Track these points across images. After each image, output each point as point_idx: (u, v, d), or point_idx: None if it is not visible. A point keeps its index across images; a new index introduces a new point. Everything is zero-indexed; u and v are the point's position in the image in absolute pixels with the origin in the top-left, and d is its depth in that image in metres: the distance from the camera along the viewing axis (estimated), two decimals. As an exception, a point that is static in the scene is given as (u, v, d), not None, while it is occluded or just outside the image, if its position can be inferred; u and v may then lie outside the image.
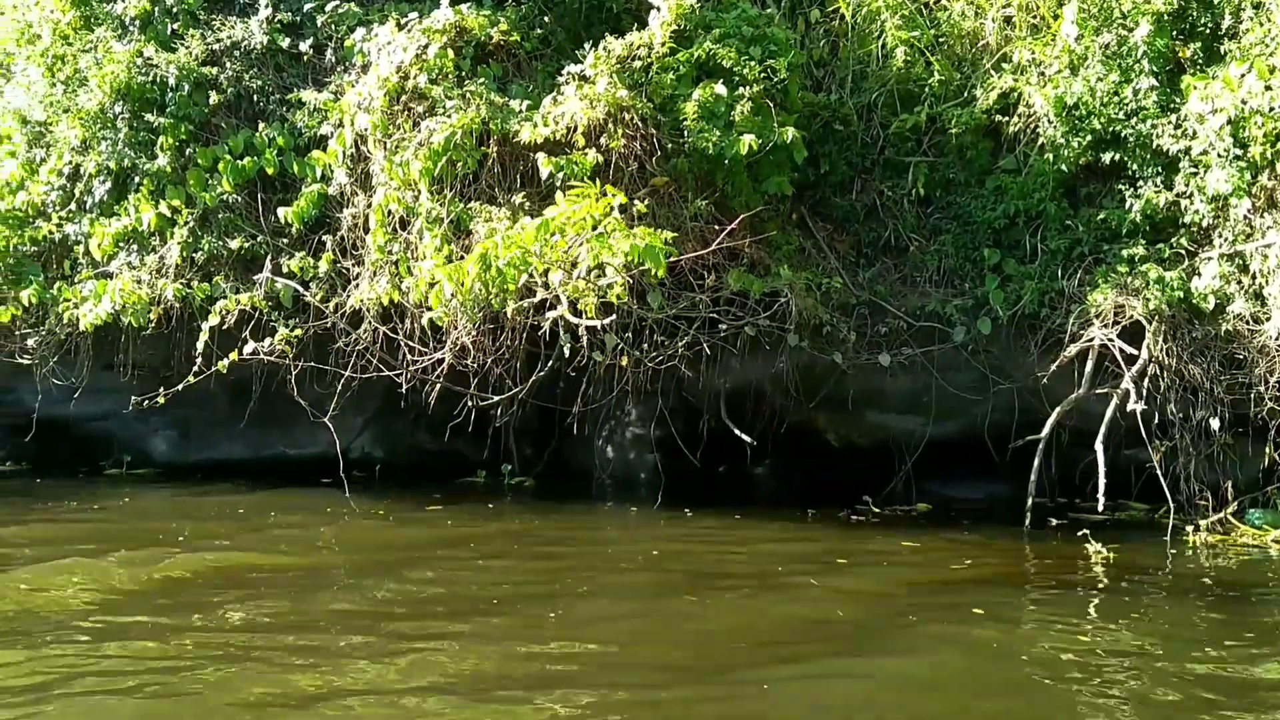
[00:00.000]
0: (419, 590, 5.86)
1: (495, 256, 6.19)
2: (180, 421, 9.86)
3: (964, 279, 8.40)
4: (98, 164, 8.38)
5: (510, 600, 5.70)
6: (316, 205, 8.03)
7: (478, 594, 5.80)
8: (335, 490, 8.73)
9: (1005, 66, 8.47)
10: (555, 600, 5.67)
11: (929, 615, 5.45)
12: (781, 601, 5.76)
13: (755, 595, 5.86)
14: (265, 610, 5.49)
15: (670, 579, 6.29)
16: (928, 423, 8.36)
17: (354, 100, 7.78)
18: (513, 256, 6.13)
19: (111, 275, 8.40)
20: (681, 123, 7.74)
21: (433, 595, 5.80)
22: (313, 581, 6.13)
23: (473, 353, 7.50)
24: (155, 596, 5.73)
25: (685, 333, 7.61)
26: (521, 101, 7.59)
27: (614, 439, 10.00)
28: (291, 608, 5.52)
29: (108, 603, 5.61)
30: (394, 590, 5.83)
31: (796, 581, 6.10)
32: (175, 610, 5.39)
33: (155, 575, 6.08)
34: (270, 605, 5.57)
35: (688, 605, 5.68)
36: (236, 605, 5.54)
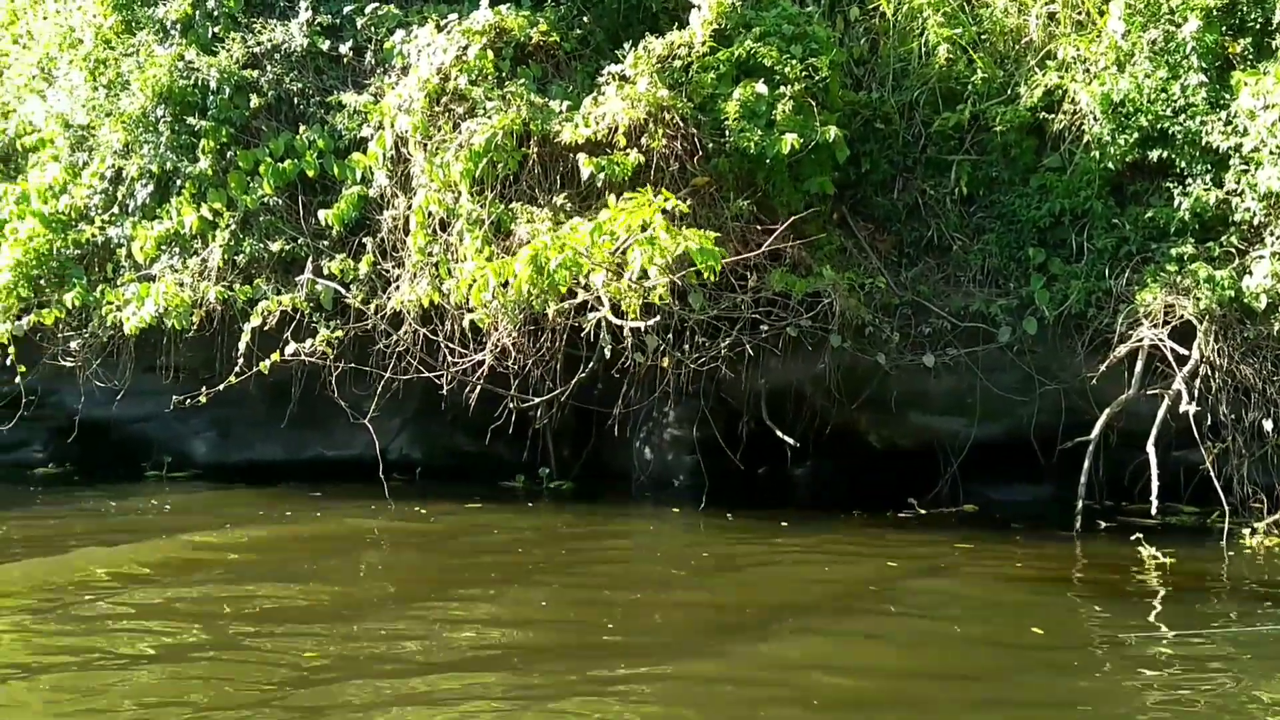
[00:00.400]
0: (469, 606, 5.81)
1: (547, 258, 6.14)
2: (220, 423, 9.89)
3: (1008, 278, 8.31)
4: (140, 167, 8.42)
5: (560, 604, 5.62)
6: (357, 207, 8.03)
7: (531, 607, 5.75)
8: (375, 492, 8.73)
9: (1050, 64, 8.36)
10: (612, 609, 5.58)
11: (991, 618, 5.37)
12: (840, 606, 5.68)
13: (815, 598, 5.77)
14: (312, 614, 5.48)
15: (722, 584, 6.21)
16: (972, 424, 8.26)
17: (394, 102, 7.77)
18: (565, 258, 6.08)
19: (153, 278, 8.44)
20: (722, 122, 7.70)
21: (486, 613, 5.71)
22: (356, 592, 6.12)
23: (513, 354, 7.47)
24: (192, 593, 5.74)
25: (727, 334, 7.54)
26: (561, 102, 7.56)
27: (651, 440, 9.94)
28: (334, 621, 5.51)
29: (151, 591, 5.66)
30: (442, 605, 5.80)
31: (853, 588, 6.03)
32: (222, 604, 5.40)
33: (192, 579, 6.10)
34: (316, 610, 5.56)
35: (744, 615, 5.61)
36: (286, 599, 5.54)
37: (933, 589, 5.98)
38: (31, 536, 7.26)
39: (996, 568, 6.34)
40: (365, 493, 8.77)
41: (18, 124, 9.41)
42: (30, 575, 6.13)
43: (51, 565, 6.37)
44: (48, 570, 6.23)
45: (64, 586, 5.84)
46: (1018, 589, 6.00)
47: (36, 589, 5.79)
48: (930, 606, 5.63)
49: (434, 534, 7.58)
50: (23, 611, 5.39)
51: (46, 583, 5.92)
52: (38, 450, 10.65)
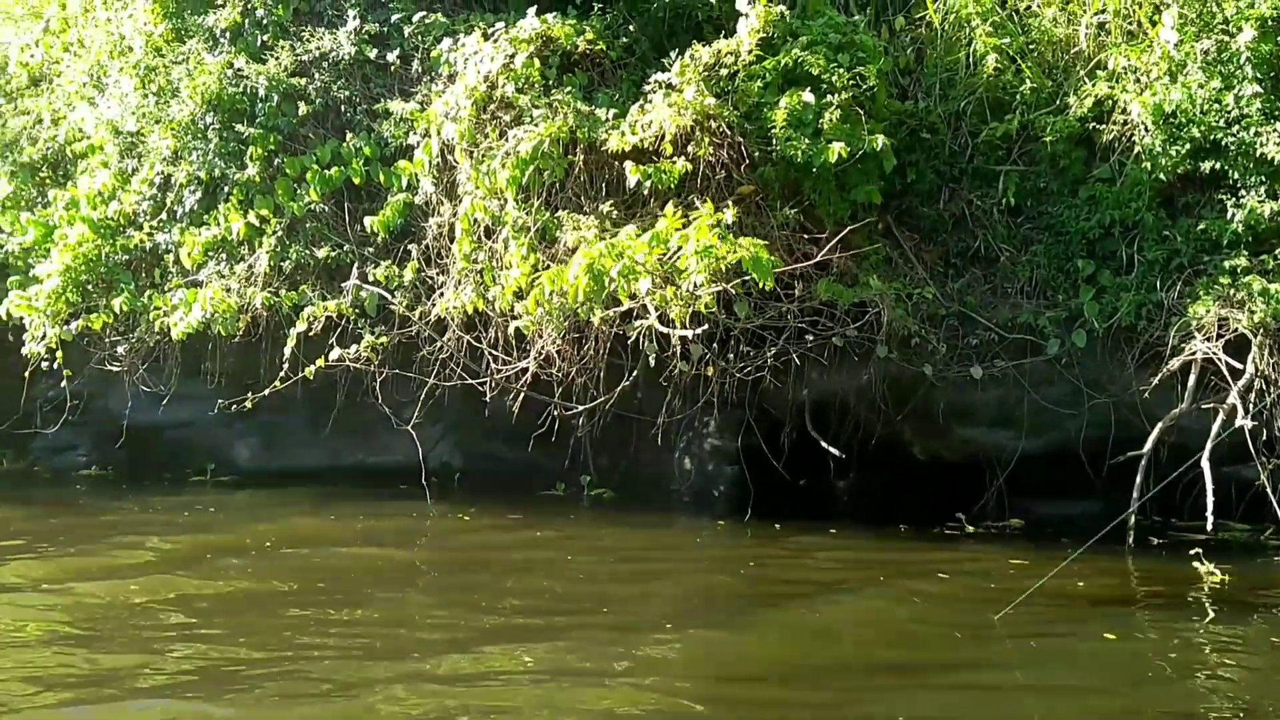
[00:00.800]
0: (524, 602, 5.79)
1: (603, 266, 6.12)
2: (262, 429, 9.94)
3: (1056, 290, 8.21)
4: (188, 174, 8.49)
5: (620, 608, 5.56)
6: (402, 214, 8.06)
7: (589, 611, 5.72)
8: (418, 497, 8.76)
9: (1100, 73, 8.27)
10: (669, 619, 5.52)
11: (1057, 633, 5.31)
12: (900, 617, 5.62)
13: (871, 611, 5.71)
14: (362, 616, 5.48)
15: (778, 592, 6.14)
16: (1018, 437, 8.15)
17: (441, 110, 7.79)
18: (624, 266, 6.05)
19: (200, 284, 8.50)
20: (769, 131, 7.66)
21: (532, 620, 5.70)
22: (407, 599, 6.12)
23: (558, 362, 7.45)
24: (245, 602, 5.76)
25: (773, 342, 7.49)
26: (608, 110, 7.55)
27: (691, 450, 9.91)
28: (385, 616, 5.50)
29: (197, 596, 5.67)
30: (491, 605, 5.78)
31: (907, 597, 5.97)
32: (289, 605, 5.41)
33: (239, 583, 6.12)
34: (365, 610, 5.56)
35: (806, 619, 5.55)
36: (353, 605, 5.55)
37: (989, 607, 5.89)
38: (75, 532, 7.35)
39: (1053, 583, 6.23)
40: (407, 497, 8.82)
41: (68, 130, 9.52)
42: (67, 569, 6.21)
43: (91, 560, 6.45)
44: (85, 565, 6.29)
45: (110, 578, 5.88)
46: (1079, 606, 5.90)
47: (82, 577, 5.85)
48: (988, 621, 5.55)
49: (481, 539, 7.57)
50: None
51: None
52: (82, 454, 10.77)
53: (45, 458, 10.75)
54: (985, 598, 5.93)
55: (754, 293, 7.48)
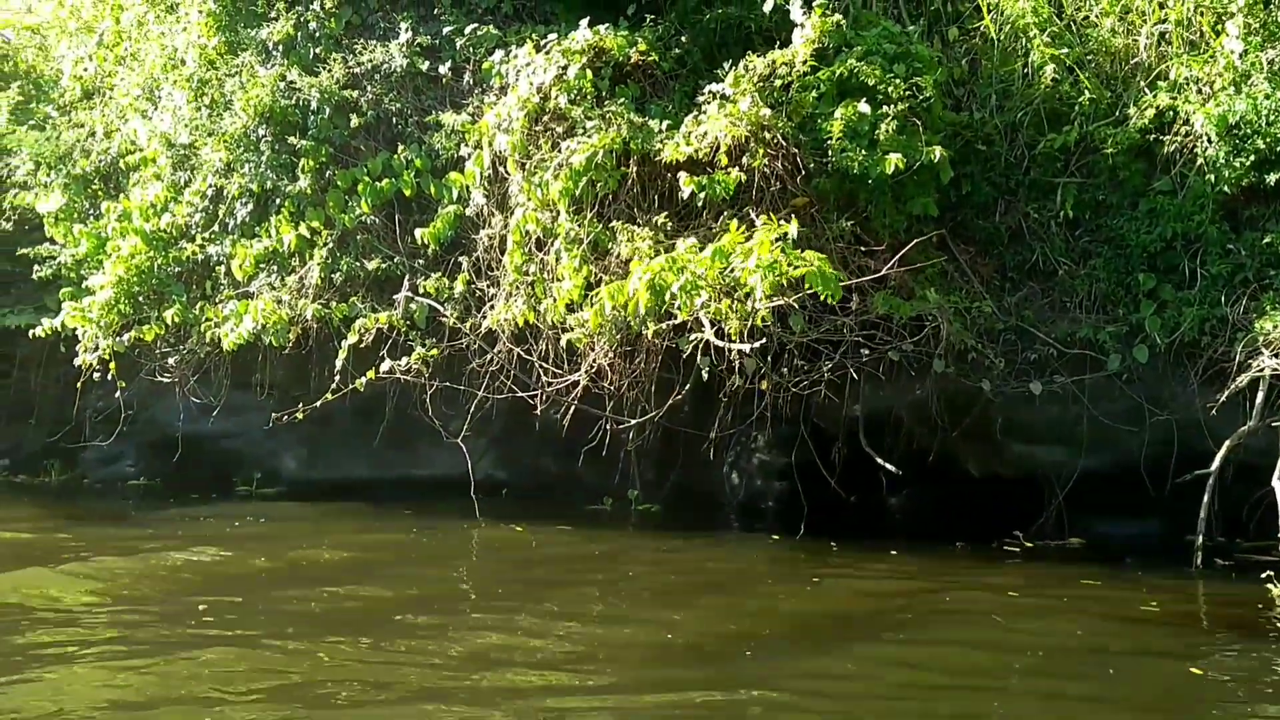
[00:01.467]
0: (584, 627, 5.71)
1: (664, 281, 6.04)
2: (309, 441, 9.95)
3: (1116, 305, 8.04)
4: (240, 186, 8.50)
5: (691, 630, 5.48)
6: (453, 226, 8.02)
7: (657, 634, 5.61)
8: (465, 510, 8.71)
9: (1161, 84, 8.11)
10: (748, 645, 5.37)
11: (1146, 659, 5.17)
12: (980, 641, 5.46)
13: (955, 638, 5.55)
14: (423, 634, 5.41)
15: (851, 614, 6.02)
16: (1077, 454, 7.99)
17: (493, 121, 7.76)
18: (686, 281, 5.97)
19: (252, 295, 8.50)
20: (824, 142, 7.56)
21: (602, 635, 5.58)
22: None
23: (610, 375, 7.38)
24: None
25: (829, 356, 7.38)
26: (661, 121, 7.49)
27: (739, 465, 9.81)
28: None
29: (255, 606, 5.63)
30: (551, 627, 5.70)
31: (982, 618, 5.81)
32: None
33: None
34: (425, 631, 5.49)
35: (882, 645, 5.44)
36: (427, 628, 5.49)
37: (1065, 629, 5.75)
38: (125, 543, 7.35)
39: (1124, 607, 6.06)
40: (455, 511, 8.77)
41: (121, 143, 9.57)
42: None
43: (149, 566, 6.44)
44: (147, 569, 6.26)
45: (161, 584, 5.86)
46: (1152, 630, 5.72)
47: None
48: (1068, 644, 5.40)
49: (537, 554, 7.49)
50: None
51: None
52: (130, 465, 10.83)
53: (94, 469, 10.82)
54: (1065, 618, 5.81)
55: (808, 306, 7.40)
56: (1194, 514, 7.81)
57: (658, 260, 6.18)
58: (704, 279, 5.96)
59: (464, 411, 8.61)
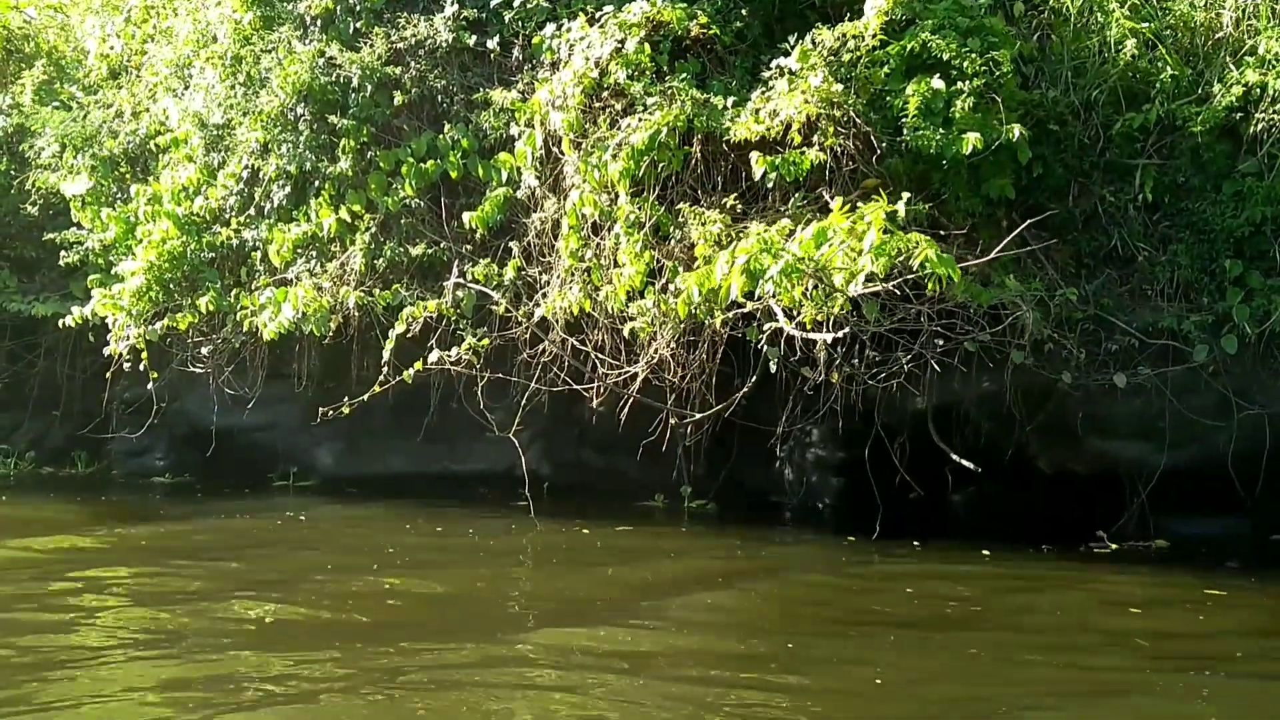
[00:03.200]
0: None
1: (760, 265, 5.63)
2: (345, 434, 9.58)
3: (1200, 293, 7.63)
4: (278, 168, 8.12)
5: (805, 651, 5.08)
6: (502, 210, 7.63)
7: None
8: (511, 507, 8.37)
9: (1248, 59, 7.68)
10: (874, 664, 4.89)
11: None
12: (1124, 651, 5.09)
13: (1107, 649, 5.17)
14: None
15: (956, 623, 5.61)
16: (1159, 450, 7.58)
17: (545, 98, 7.36)
18: (785, 264, 5.57)
19: (289, 282, 8.13)
20: (897, 120, 7.17)
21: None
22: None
23: (672, 367, 6.99)
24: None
25: (907, 346, 6.99)
26: (725, 98, 7.08)
27: (793, 461, 9.44)
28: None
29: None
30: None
31: (1115, 628, 5.41)
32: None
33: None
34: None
35: (998, 653, 5.03)
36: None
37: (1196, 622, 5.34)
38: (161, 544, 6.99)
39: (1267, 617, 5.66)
40: (503, 508, 8.43)
41: (150, 123, 9.20)
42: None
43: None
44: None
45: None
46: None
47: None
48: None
49: (596, 555, 7.11)
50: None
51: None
52: (159, 458, 10.50)
53: (120, 461, 10.49)
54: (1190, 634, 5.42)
55: (880, 294, 7.00)
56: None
57: (749, 242, 5.76)
58: (806, 262, 5.55)
59: (509, 405, 8.25)
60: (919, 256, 5.37)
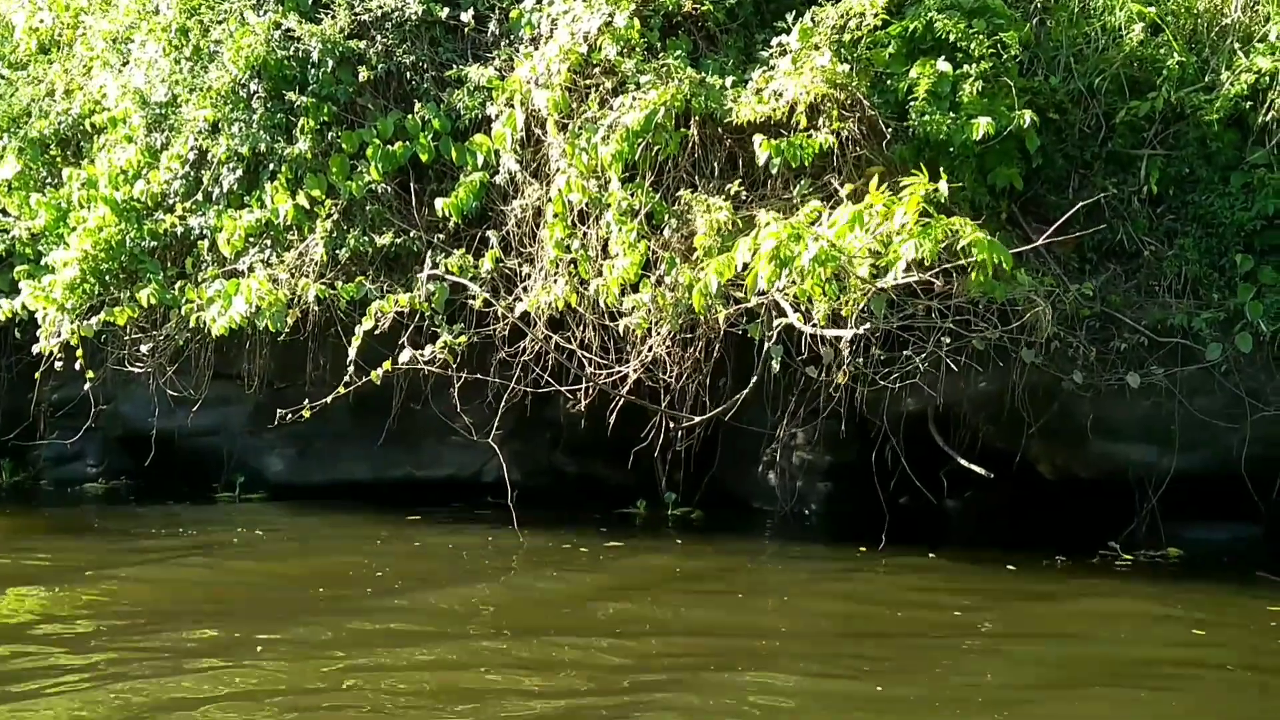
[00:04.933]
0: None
1: (790, 251, 5.13)
2: (297, 439, 8.94)
3: (1209, 288, 7.31)
4: (228, 149, 7.46)
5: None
6: (478, 196, 7.06)
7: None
8: (482, 517, 7.82)
9: (1258, 46, 7.38)
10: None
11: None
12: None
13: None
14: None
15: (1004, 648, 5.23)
16: (1168, 453, 7.25)
17: (527, 76, 6.80)
18: (821, 250, 5.09)
19: (240, 274, 7.47)
20: (902, 104, 6.75)
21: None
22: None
23: (669, 365, 6.49)
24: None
25: (919, 344, 6.56)
26: (722, 78, 6.60)
27: (777, 465, 9.00)
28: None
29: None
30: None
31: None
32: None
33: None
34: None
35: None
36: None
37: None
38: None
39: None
40: (475, 517, 7.90)
41: (84, 101, 8.45)
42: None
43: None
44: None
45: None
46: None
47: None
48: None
49: (603, 567, 6.58)
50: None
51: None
52: (91, 464, 9.76)
53: (49, 469, 9.73)
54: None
55: (887, 289, 6.56)
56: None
57: (773, 228, 5.26)
58: (840, 249, 5.07)
59: (479, 406, 7.69)
60: (966, 239, 4.90)
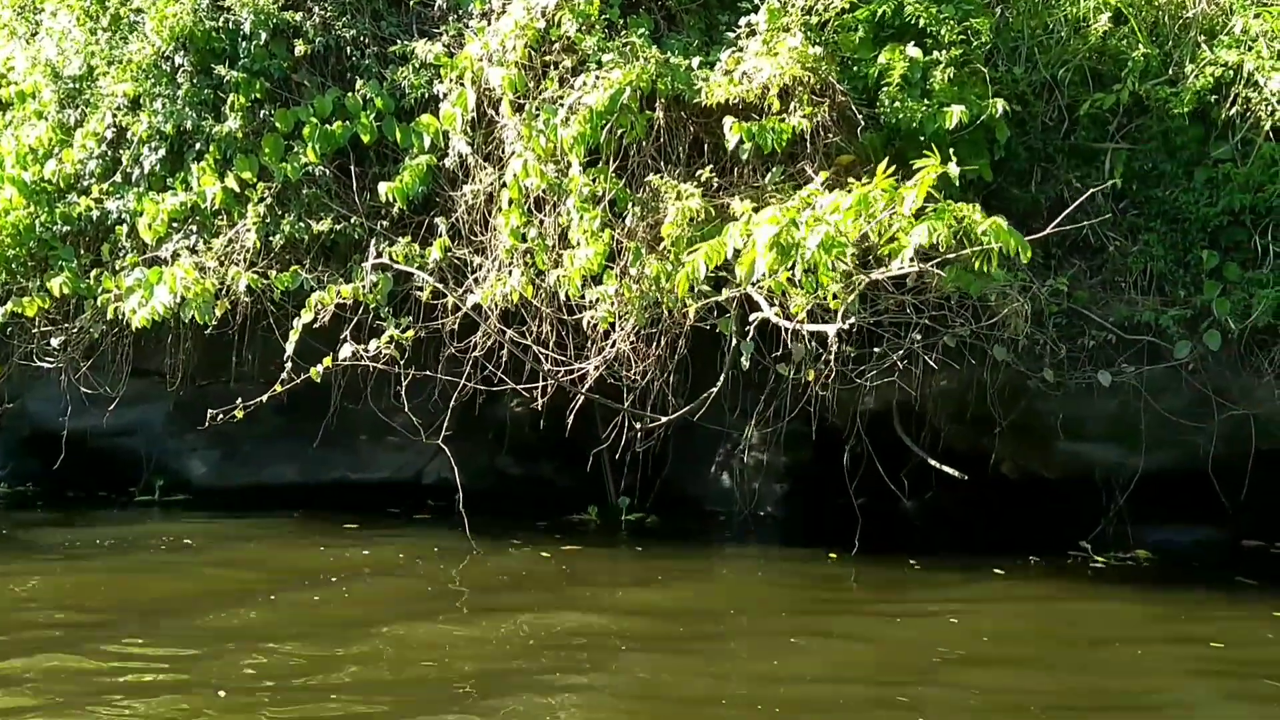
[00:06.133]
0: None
1: (792, 238, 4.78)
2: (222, 439, 8.37)
3: (1175, 285, 7.18)
4: (150, 126, 6.90)
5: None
6: (425, 181, 6.61)
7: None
8: (424, 524, 7.39)
9: (1223, 38, 7.27)
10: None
11: None
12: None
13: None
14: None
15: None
16: (1134, 452, 7.12)
17: (478, 52, 6.37)
18: (827, 235, 4.75)
19: (162, 262, 6.92)
20: (873, 90, 6.49)
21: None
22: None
23: (632, 362, 6.12)
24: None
25: (893, 340, 6.30)
26: (687, 58, 6.25)
27: (731, 466, 8.71)
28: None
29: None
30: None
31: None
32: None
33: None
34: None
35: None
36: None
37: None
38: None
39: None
40: (415, 523, 7.46)
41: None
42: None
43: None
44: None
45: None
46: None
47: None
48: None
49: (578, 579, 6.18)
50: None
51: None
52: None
53: (-54, 473, 9.03)
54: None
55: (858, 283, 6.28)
56: (1268, 518, 7.21)
57: (772, 212, 4.92)
58: (847, 235, 4.76)
59: (418, 407, 7.22)
60: (983, 225, 4.64)
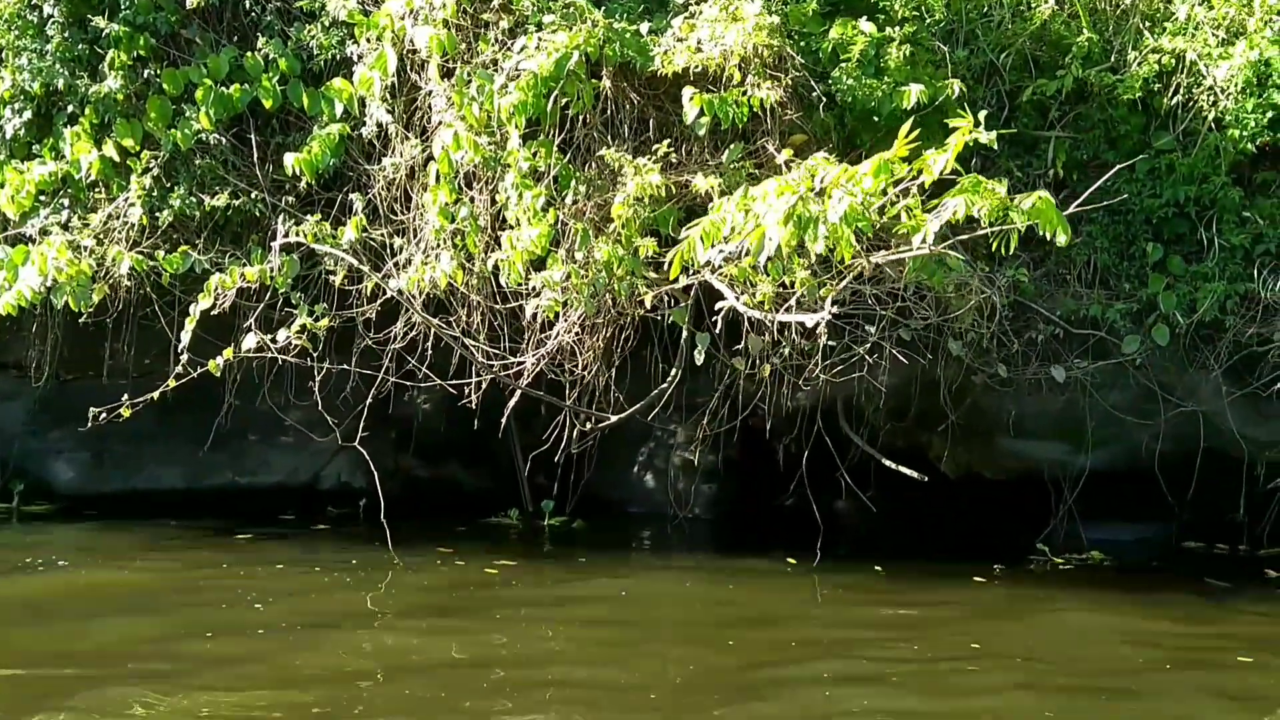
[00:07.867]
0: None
1: (808, 212, 4.27)
2: (91, 440, 7.44)
3: (1120, 278, 7.00)
4: (14, 85, 6.03)
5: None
6: (337, 153, 5.92)
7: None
8: (323, 534, 6.73)
9: (1167, 25, 7.11)
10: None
11: None
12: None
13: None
14: None
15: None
16: (1078, 450, 6.93)
17: (399, 10, 5.71)
18: (851, 208, 4.27)
19: (29, 239, 6.07)
20: (825, 67, 6.10)
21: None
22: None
23: (577, 354, 5.58)
24: None
25: (855, 334, 5.92)
26: (634, 23, 5.73)
27: (654, 465, 8.26)
28: None
29: None
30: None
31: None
32: None
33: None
34: None
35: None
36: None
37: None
38: None
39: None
40: (315, 533, 6.78)
41: None
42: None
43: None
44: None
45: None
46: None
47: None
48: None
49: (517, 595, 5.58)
50: None
51: None
52: None
53: None
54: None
55: (818, 272, 5.88)
56: (1207, 517, 7.11)
57: (771, 184, 4.42)
58: (870, 206, 4.31)
59: (313, 405, 6.52)
60: (1027, 200, 4.27)
